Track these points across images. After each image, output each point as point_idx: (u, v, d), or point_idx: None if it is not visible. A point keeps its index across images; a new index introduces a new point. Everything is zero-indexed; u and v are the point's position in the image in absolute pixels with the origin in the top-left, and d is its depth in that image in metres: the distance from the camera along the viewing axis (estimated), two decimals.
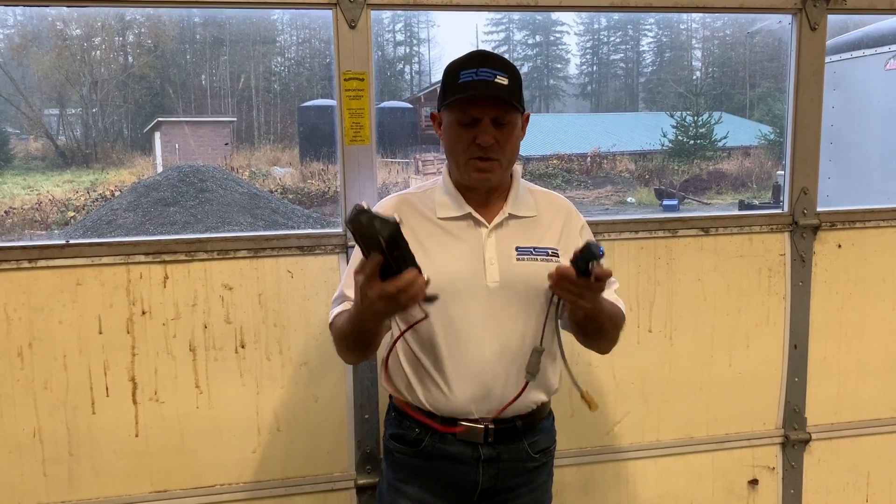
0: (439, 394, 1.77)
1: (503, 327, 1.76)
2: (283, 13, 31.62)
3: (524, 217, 1.84)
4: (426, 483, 1.84)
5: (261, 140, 25.08)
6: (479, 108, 1.71)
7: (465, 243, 1.78)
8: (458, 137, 1.74)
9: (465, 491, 1.83)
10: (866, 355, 2.76)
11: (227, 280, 2.29)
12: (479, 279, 1.75)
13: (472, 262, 1.77)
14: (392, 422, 1.91)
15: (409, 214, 1.82)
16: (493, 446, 1.80)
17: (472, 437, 1.79)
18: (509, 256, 1.78)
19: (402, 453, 1.86)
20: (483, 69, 1.71)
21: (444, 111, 1.77)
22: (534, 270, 1.77)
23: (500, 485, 1.83)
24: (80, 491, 2.27)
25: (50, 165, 20.35)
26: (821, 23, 2.55)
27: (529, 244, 1.80)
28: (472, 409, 1.77)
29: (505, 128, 1.74)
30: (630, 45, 42.58)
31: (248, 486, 2.37)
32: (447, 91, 1.74)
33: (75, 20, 22.71)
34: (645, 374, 2.59)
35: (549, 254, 1.80)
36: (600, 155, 22.76)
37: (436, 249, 1.77)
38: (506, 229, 1.81)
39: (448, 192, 1.83)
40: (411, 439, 1.83)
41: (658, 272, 2.57)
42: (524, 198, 1.87)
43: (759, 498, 2.74)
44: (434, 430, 1.79)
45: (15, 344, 2.19)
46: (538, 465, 1.89)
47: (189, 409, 2.30)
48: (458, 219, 1.81)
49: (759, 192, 18.46)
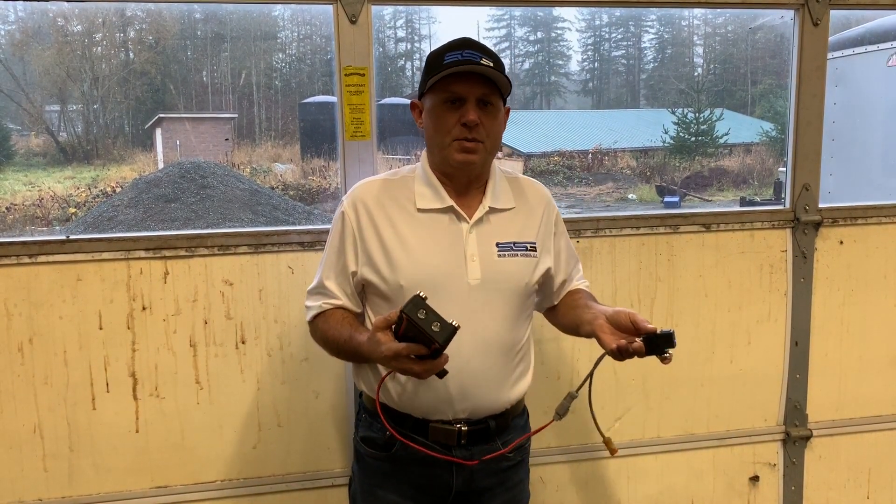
0: (413, 394, 1.74)
1: (481, 325, 1.73)
2: (284, 9, 31.63)
3: (504, 210, 1.82)
4: (399, 487, 1.81)
5: (262, 136, 25.09)
6: (466, 85, 1.69)
7: (445, 238, 1.76)
8: (443, 118, 1.72)
9: (439, 493, 1.80)
10: (868, 352, 2.76)
11: (228, 276, 2.29)
12: (459, 276, 1.73)
13: (452, 259, 1.74)
14: (363, 423, 1.87)
15: (386, 202, 1.79)
16: (466, 448, 1.77)
17: (444, 438, 1.75)
18: (490, 253, 1.76)
19: (373, 458, 1.83)
20: (468, 51, 1.71)
21: (428, 95, 1.75)
22: (515, 266, 1.77)
23: (474, 486, 1.80)
24: (80, 486, 2.27)
25: (51, 162, 20.36)
26: (823, 18, 2.54)
27: (509, 239, 1.79)
28: (447, 410, 1.74)
29: (489, 110, 1.72)
30: (632, 41, 42.53)
31: (249, 481, 2.37)
32: (431, 72, 1.72)
33: (76, 16, 22.72)
34: (646, 370, 2.59)
35: (527, 248, 1.80)
36: (602, 151, 22.75)
37: (415, 243, 1.74)
38: (486, 225, 1.79)
39: (428, 183, 1.80)
40: (382, 443, 1.80)
41: (659, 268, 2.56)
42: (502, 189, 1.84)
43: (760, 494, 2.74)
44: (405, 433, 1.74)
45: (15, 339, 2.19)
46: (513, 463, 1.86)
47: (189, 404, 2.30)
48: (438, 211, 1.78)
49: (761, 189, 18.45)
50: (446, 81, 1.70)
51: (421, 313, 1.45)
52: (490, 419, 1.78)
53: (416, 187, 1.80)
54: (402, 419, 1.76)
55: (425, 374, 1.53)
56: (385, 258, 1.74)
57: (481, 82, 1.70)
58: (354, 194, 1.82)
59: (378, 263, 1.74)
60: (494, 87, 1.72)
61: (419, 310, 1.45)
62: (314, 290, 1.85)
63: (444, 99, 1.71)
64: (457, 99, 1.71)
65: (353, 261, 1.78)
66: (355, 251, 1.78)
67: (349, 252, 1.78)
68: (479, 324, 1.73)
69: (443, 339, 1.45)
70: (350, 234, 1.78)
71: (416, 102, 1.83)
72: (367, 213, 1.77)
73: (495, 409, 1.79)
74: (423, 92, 1.77)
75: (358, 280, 1.79)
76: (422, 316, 1.45)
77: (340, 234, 1.80)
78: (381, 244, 1.75)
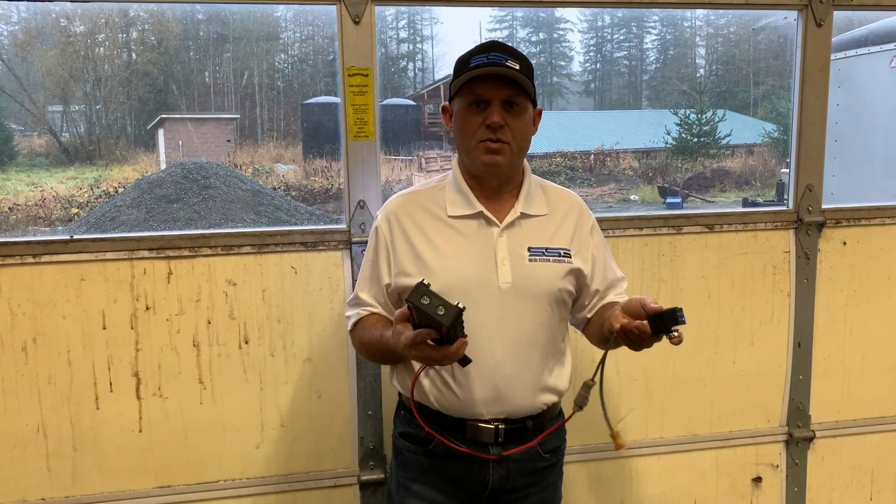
0: (451, 395, 1.76)
1: (514, 328, 1.74)
2: (286, 9, 31.57)
3: (536, 216, 1.82)
4: (436, 482, 1.83)
5: (264, 137, 25.11)
6: (490, 87, 1.70)
7: (476, 243, 1.77)
8: (468, 120, 1.74)
9: (475, 490, 1.82)
10: (871, 353, 2.76)
11: (231, 276, 2.29)
12: (490, 280, 1.74)
13: (483, 263, 1.75)
14: (402, 420, 1.90)
15: (417, 213, 1.81)
16: (503, 446, 1.79)
17: (482, 436, 1.78)
18: (521, 257, 1.76)
19: (411, 452, 1.85)
20: (494, 53, 1.72)
21: (455, 98, 1.77)
22: (546, 271, 1.76)
23: (509, 484, 1.82)
24: (83, 486, 2.27)
25: (54, 162, 20.40)
26: (826, 19, 2.54)
27: (541, 244, 1.79)
28: (483, 411, 1.76)
29: (515, 111, 1.73)
30: (634, 42, 42.50)
31: (252, 481, 2.37)
32: (458, 76, 1.74)
33: (79, 17, 22.75)
34: (649, 370, 2.59)
35: (560, 254, 1.79)
36: (604, 152, 22.74)
37: (447, 249, 1.76)
38: (517, 228, 1.80)
39: (458, 190, 1.81)
40: (421, 438, 1.82)
41: (662, 269, 2.56)
42: (536, 195, 1.85)
43: (763, 495, 2.74)
44: (443, 429, 1.77)
45: (19, 339, 2.19)
46: (548, 464, 1.88)
47: (193, 404, 2.30)
48: (468, 217, 1.79)
49: (763, 190, 18.43)
50: (471, 84, 1.71)
51: (424, 300, 1.46)
52: (528, 419, 1.80)
53: (448, 195, 1.82)
54: (440, 418, 1.79)
55: (446, 360, 1.54)
56: (417, 266, 1.76)
57: (506, 84, 1.71)
58: (388, 208, 1.86)
59: (411, 272, 1.76)
60: (521, 88, 1.72)
61: (422, 296, 1.46)
62: (351, 301, 1.91)
63: (470, 101, 1.73)
64: (482, 101, 1.72)
65: (386, 273, 1.82)
66: (388, 263, 1.82)
67: (383, 265, 1.82)
68: (511, 327, 1.74)
69: (449, 321, 1.45)
70: (384, 247, 1.82)
71: (445, 106, 1.85)
72: (399, 225, 1.81)
73: (531, 410, 1.80)
74: (451, 95, 1.79)
75: (392, 291, 1.81)
76: (425, 302, 1.46)
77: (374, 248, 1.85)
78: (413, 253, 1.77)
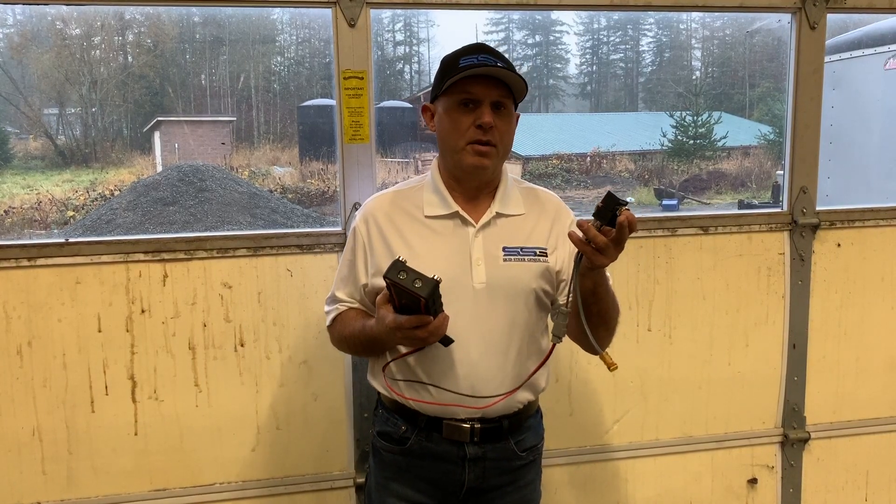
0: (426, 394, 1.76)
1: (489, 328, 1.75)
2: (282, 12, 31.60)
3: (512, 215, 1.83)
4: (413, 481, 1.84)
5: (260, 139, 25.08)
6: (482, 87, 1.71)
7: (451, 243, 1.78)
8: (458, 120, 1.73)
9: (451, 489, 1.83)
10: (865, 354, 2.76)
11: (227, 278, 2.29)
12: (465, 280, 1.75)
13: (459, 263, 1.76)
14: (379, 419, 1.90)
15: (395, 213, 1.82)
16: (478, 445, 1.79)
17: (457, 435, 1.78)
18: (496, 257, 1.77)
19: (388, 451, 1.86)
20: (483, 55, 1.73)
21: (442, 98, 1.76)
22: (520, 271, 1.77)
23: (486, 483, 1.82)
24: (79, 489, 2.27)
25: (49, 165, 20.34)
26: (820, 22, 2.55)
27: (517, 244, 1.79)
28: (458, 410, 1.76)
29: (503, 113, 1.74)
30: (630, 44, 42.56)
31: (248, 484, 2.37)
32: (447, 75, 1.73)
33: (75, 19, 22.71)
34: (644, 372, 2.59)
35: (536, 253, 1.79)
36: (600, 154, 22.76)
37: (422, 249, 1.76)
38: (493, 228, 1.80)
39: (436, 190, 1.82)
40: (398, 437, 1.83)
41: (657, 271, 2.57)
42: (512, 195, 1.85)
43: (759, 497, 2.74)
44: (419, 428, 1.79)
45: (14, 342, 2.19)
46: (525, 463, 1.88)
47: (188, 407, 2.30)
48: (445, 217, 1.80)
49: (759, 192, 18.47)
50: (463, 83, 1.71)
51: (401, 275, 1.48)
52: (503, 419, 1.80)
53: (425, 195, 1.83)
54: (416, 417, 1.80)
55: (431, 338, 1.57)
56: None
57: (497, 85, 1.72)
58: (366, 209, 1.86)
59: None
60: (508, 91, 1.73)
61: (399, 272, 1.49)
62: (328, 299, 1.92)
63: (460, 101, 1.72)
64: (472, 101, 1.72)
65: (363, 273, 1.83)
66: (366, 264, 1.82)
67: (360, 265, 1.83)
68: (486, 327, 1.75)
69: (426, 292, 1.48)
70: (361, 248, 1.83)
71: (427, 106, 1.84)
72: (376, 226, 1.81)
73: (507, 409, 1.80)
74: (436, 94, 1.78)
75: (370, 290, 1.82)
76: (402, 277, 1.48)
77: (353, 248, 1.86)
78: (389, 253, 1.76)
